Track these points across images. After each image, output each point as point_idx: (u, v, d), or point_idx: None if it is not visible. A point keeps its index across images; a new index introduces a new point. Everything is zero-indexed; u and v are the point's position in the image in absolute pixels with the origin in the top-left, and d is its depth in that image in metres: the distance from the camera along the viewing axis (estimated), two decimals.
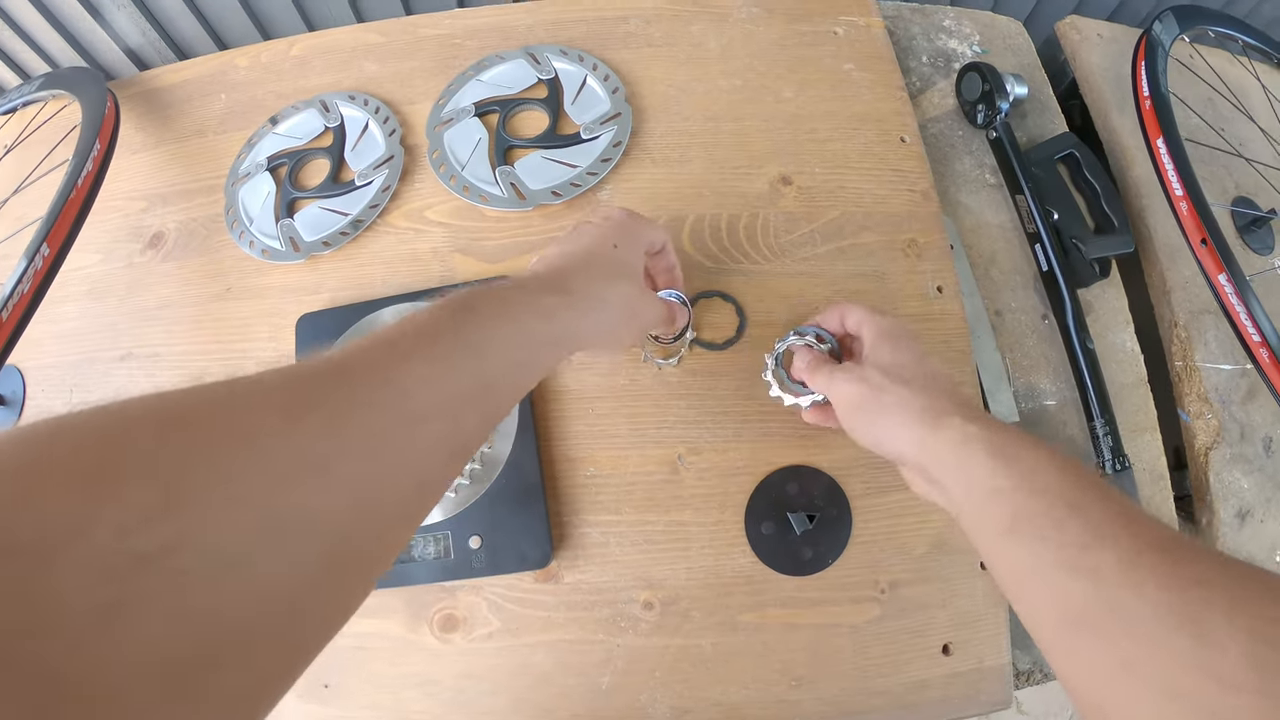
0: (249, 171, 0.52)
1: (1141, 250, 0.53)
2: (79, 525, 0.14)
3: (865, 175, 0.49)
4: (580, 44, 0.52)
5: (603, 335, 0.32)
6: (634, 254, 0.35)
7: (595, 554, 0.42)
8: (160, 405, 0.17)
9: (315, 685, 0.44)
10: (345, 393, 0.20)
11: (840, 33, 0.53)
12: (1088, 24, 0.58)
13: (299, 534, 0.18)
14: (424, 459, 0.23)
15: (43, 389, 0.54)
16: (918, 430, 0.31)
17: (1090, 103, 0.57)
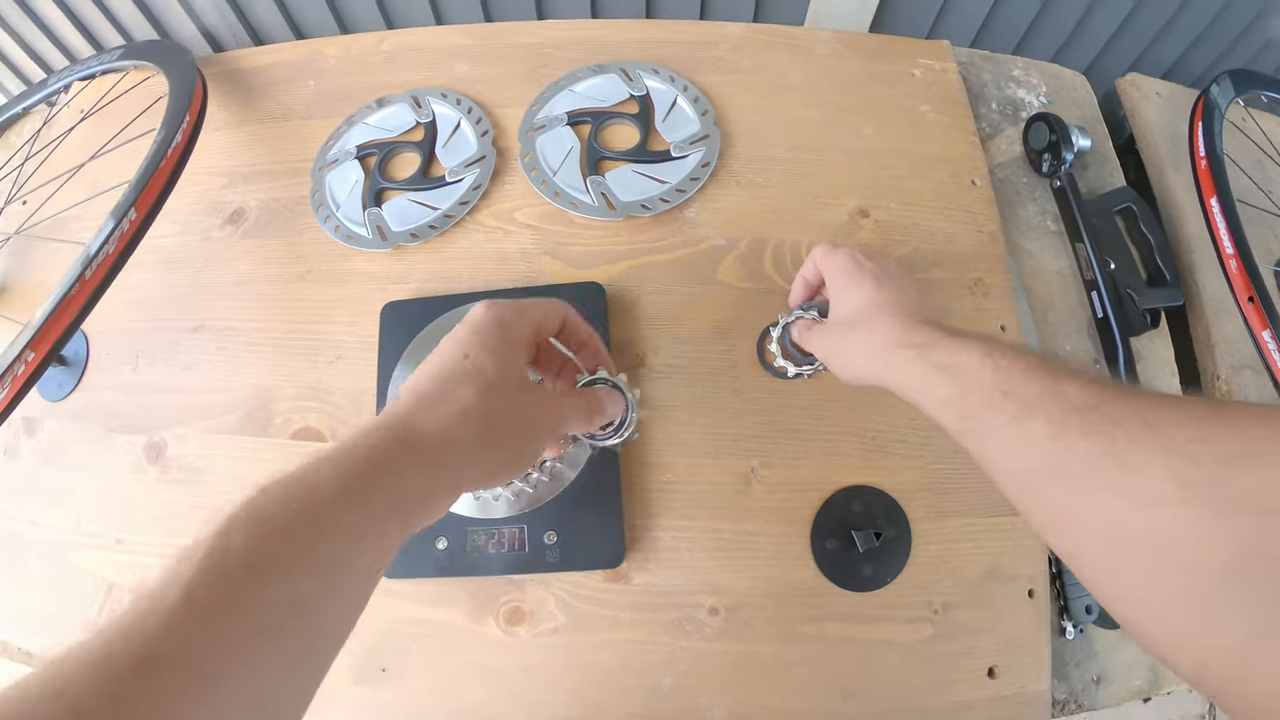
0: (337, 158, 0.55)
1: (1189, 304, 0.57)
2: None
3: (937, 214, 0.52)
4: (669, 65, 0.56)
5: (474, 476, 0.30)
6: (495, 352, 0.31)
7: (666, 558, 0.44)
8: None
9: (372, 669, 0.46)
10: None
11: (917, 75, 0.57)
12: (1147, 82, 0.62)
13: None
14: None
15: (106, 353, 0.56)
16: (873, 370, 0.35)
17: (1146, 158, 0.61)
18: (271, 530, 0.23)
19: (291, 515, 0.24)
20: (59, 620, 0.51)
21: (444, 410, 0.29)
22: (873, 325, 0.36)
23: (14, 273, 0.62)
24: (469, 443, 0.29)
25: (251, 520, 0.23)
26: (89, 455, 0.53)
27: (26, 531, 0.53)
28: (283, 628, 0.23)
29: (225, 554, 0.22)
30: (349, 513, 0.25)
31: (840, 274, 0.38)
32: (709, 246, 0.50)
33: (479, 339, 0.31)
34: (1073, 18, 0.65)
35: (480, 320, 0.32)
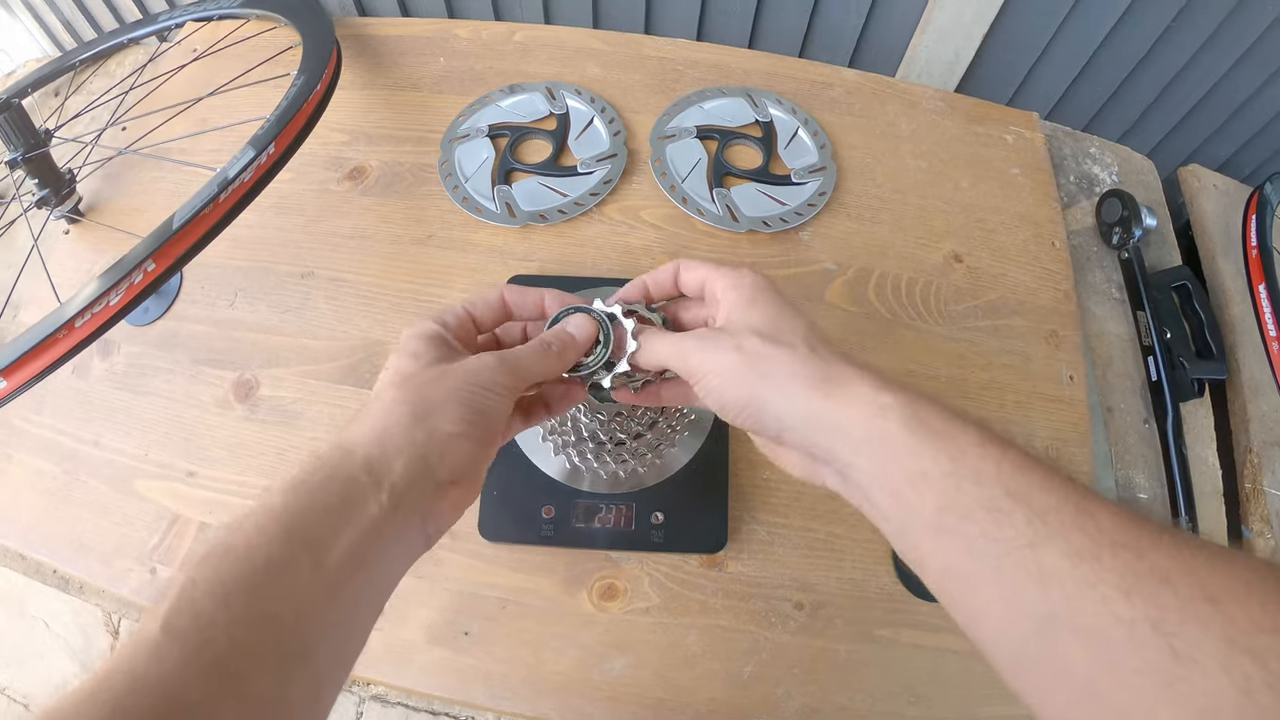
0: (469, 134, 0.61)
1: (1229, 381, 0.66)
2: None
3: (1022, 268, 0.61)
4: (791, 97, 0.64)
5: (416, 459, 0.29)
6: (415, 354, 0.31)
7: (759, 550, 0.50)
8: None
9: (454, 632, 0.50)
10: None
11: (1010, 140, 0.66)
12: (1207, 174, 0.73)
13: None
14: None
15: (201, 286, 0.60)
16: (812, 402, 0.28)
17: (1200, 243, 0.71)
18: (235, 553, 0.25)
19: (252, 534, 0.25)
20: (111, 546, 0.53)
21: (370, 413, 0.29)
22: (818, 352, 0.30)
23: (108, 193, 0.65)
24: (397, 431, 0.29)
25: (215, 551, 0.25)
26: (169, 384, 0.57)
27: (88, 452, 0.56)
28: (259, 641, 0.24)
29: (194, 583, 0.24)
30: (304, 520, 0.26)
31: (762, 290, 0.32)
32: (820, 269, 0.57)
33: (401, 352, 0.32)
34: (1142, 104, 0.76)
35: (406, 343, 0.32)
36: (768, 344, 0.30)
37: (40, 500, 0.55)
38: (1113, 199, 0.66)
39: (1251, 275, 0.65)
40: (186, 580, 0.24)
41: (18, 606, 1.14)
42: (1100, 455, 0.60)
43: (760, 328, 0.31)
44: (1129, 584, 0.20)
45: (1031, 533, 0.22)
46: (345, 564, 0.26)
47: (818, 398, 0.28)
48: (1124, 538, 0.21)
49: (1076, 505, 0.22)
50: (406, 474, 0.28)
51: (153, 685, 0.21)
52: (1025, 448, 0.25)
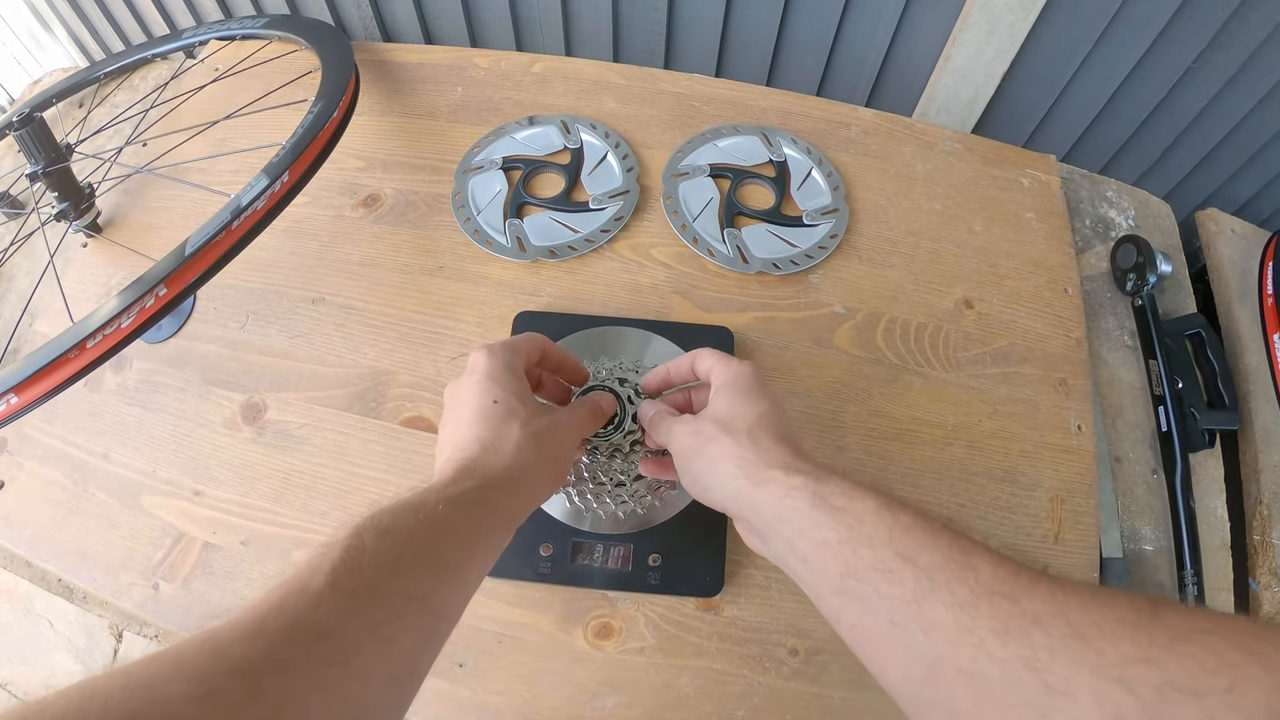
0: (482, 165, 0.62)
1: (1241, 430, 0.66)
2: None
3: (1033, 314, 0.61)
4: (806, 137, 0.64)
5: (539, 496, 0.38)
6: (515, 392, 0.38)
7: (756, 594, 0.51)
8: None
9: (449, 663, 0.51)
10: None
11: (1025, 183, 0.66)
12: (1225, 219, 0.73)
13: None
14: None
15: (215, 305, 0.61)
16: (738, 482, 0.33)
17: (1216, 289, 0.71)
18: (399, 536, 0.29)
19: (416, 526, 0.30)
20: (117, 559, 0.54)
21: (507, 451, 0.36)
22: (755, 439, 0.34)
23: (126, 208, 0.67)
24: (530, 470, 0.36)
25: (381, 528, 0.29)
26: (180, 402, 0.58)
27: (97, 465, 0.57)
28: (409, 612, 0.29)
29: (361, 552, 0.28)
30: (461, 528, 0.32)
31: (740, 382, 0.38)
32: (829, 312, 0.58)
33: (499, 385, 0.38)
34: (1161, 146, 0.76)
35: (488, 367, 0.39)
36: (718, 429, 0.35)
37: (49, 509, 0.56)
38: (1128, 245, 0.66)
39: (1267, 323, 0.64)
40: (353, 545, 0.28)
41: (24, 604, 1.17)
42: (1107, 506, 0.60)
43: (718, 414, 0.37)
44: (1003, 627, 0.22)
45: (918, 588, 0.25)
46: (476, 573, 0.34)
47: (742, 480, 0.33)
48: (1001, 587, 0.23)
49: (959, 561, 0.25)
50: (526, 510, 0.37)
51: (317, 630, 0.25)
52: (919, 511, 0.28)
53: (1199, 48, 0.66)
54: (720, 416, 0.36)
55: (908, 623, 0.25)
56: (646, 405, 0.44)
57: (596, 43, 0.73)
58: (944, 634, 0.23)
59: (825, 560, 0.28)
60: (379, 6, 0.75)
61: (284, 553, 0.53)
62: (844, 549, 0.27)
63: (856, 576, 0.27)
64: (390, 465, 0.54)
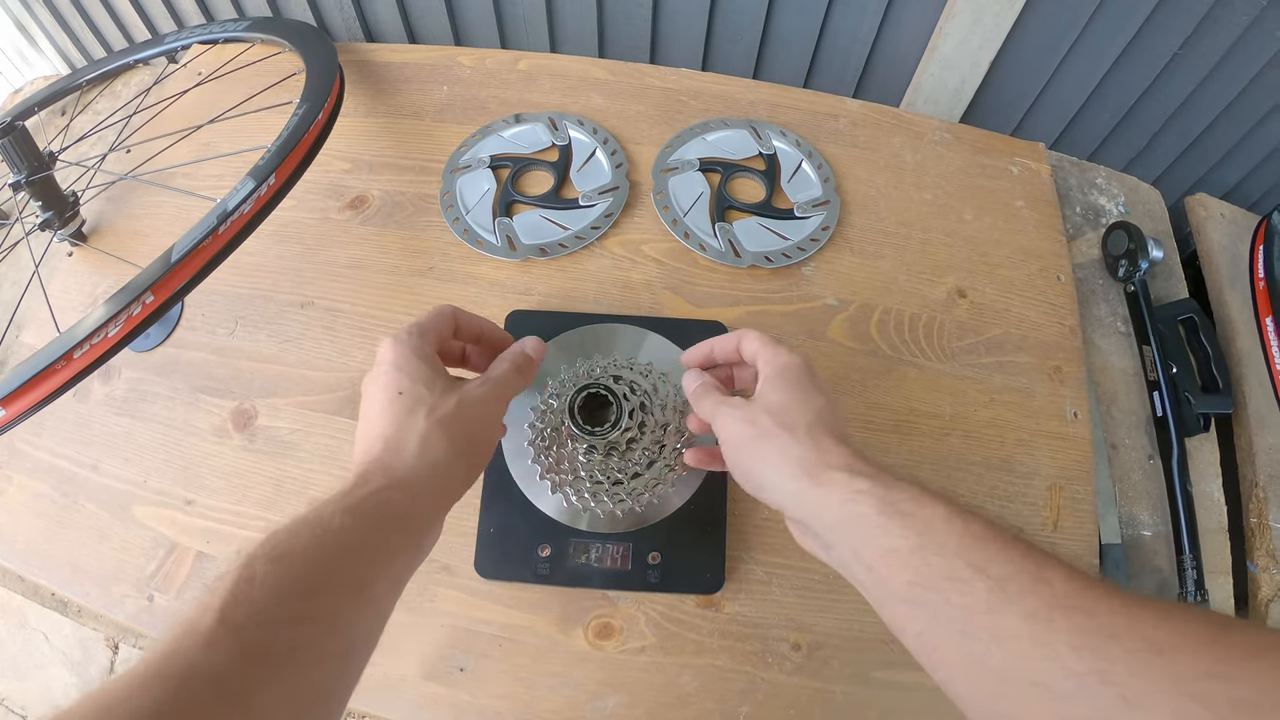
0: (470, 164, 0.61)
1: (1235, 414, 0.65)
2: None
3: (1026, 302, 0.60)
4: (795, 129, 0.63)
5: (453, 490, 0.35)
6: (422, 378, 0.35)
7: (757, 590, 0.50)
8: None
9: (449, 667, 0.50)
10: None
11: (1015, 171, 0.66)
12: (1214, 203, 0.72)
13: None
14: None
15: (203, 312, 0.60)
16: (798, 482, 0.31)
17: (1207, 274, 0.71)
18: (294, 559, 0.27)
19: (313, 544, 0.28)
20: (108, 570, 0.53)
21: (410, 447, 0.33)
22: (814, 437, 0.33)
23: (111, 216, 0.66)
24: (441, 465, 0.34)
25: (274, 553, 0.27)
26: (168, 411, 0.57)
27: (86, 477, 0.56)
28: (314, 639, 0.27)
29: (251, 582, 0.26)
30: (363, 540, 0.30)
31: (792, 372, 0.36)
32: (822, 305, 0.57)
33: (403, 374, 0.36)
34: (1148, 132, 0.76)
35: (394, 356, 0.36)
36: (775, 423, 0.33)
37: (39, 523, 0.55)
38: (1119, 231, 0.66)
39: (1259, 307, 0.64)
40: (243, 576, 0.26)
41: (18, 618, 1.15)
42: (1104, 492, 0.59)
43: (773, 407, 0.34)
44: (1079, 641, 0.22)
45: (990, 599, 0.24)
46: (387, 589, 0.31)
47: (804, 481, 0.31)
48: (1076, 600, 0.23)
49: (1032, 573, 0.24)
50: (442, 509, 0.35)
51: (209, 674, 0.23)
52: (988, 519, 0.27)
53: (1184, 34, 0.65)
54: (775, 409, 0.34)
55: (979, 633, 0.24)
56: (692, 376, 0.41)
57: (581, 38, 0.72)
58: (1017, 646, 0.23)
59: (892, 568, 0.27)
60: (361, 7, 0.74)
61: None
62: (913, 556, 0.27)
63: (925, 585, 0.26)
64: None
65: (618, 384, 0.46)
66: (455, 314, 0.41)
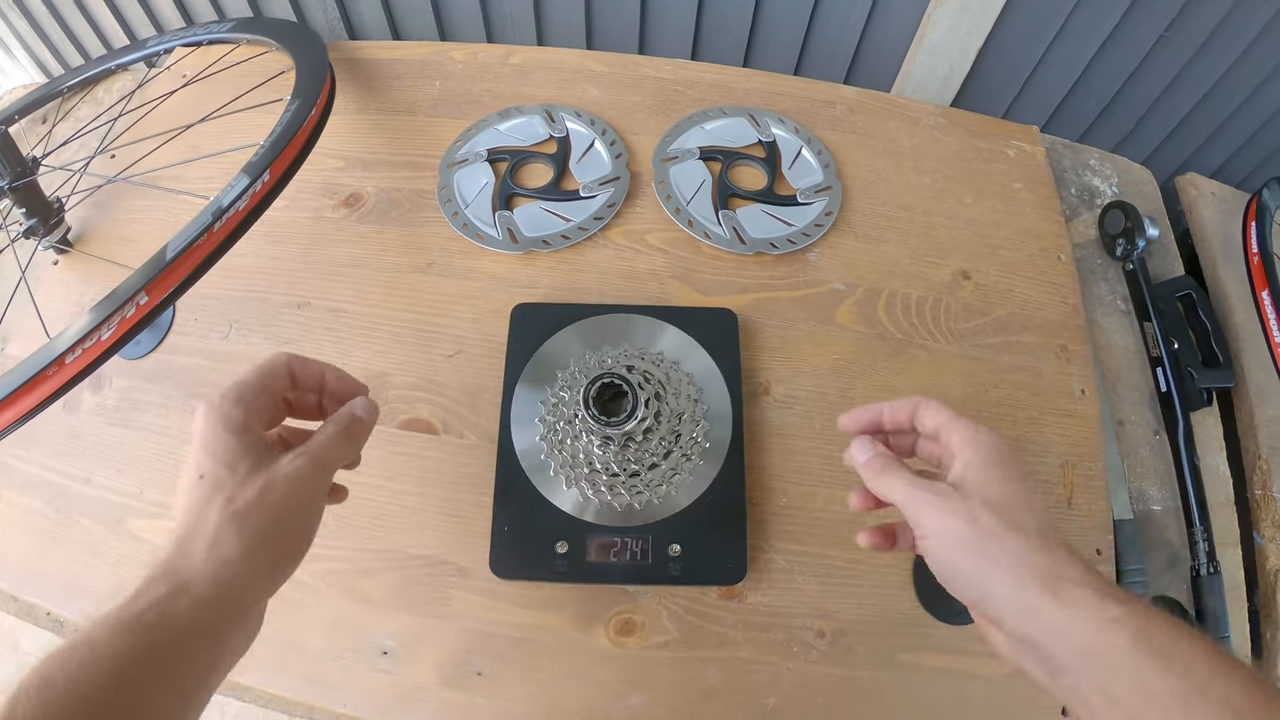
0: (466, 158, 0.59)
1: (1235, 388, 0.66)
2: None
3: (1029, 282, 0.60)
4: (792, 116, 0.63)
5: (253, 596, 0.31)
6: (225, 459, 0.31)
7: (779, 579, 0.49)
8: None
9: (467, 672, 0.48)
10: None
11: (1011, 154, 0.66)
12: (1204, 182, 0.73)
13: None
14: None
15: (195, 317, 0.58)
16: (1036, 598, 0.28)
17: (1201, 251, 0.71)
18: (57, 689, 0.25)
19: (78, 673, 0.25)
20: (105, 587, 0.51)
21: (200, 548, 0.29)
22: (1048, 542, 0.29)
23: (97, 221, 0.64)
24: (235, 565, 0.30)
25: (40, 683, 0.25)
26: (163, 419, 0.55)
27: (80, 490, 0.54)
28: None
29: (13, 718, 0.24)
30: (135, 668, 0.26)
31: (1000, 455, 0.32)
32: (829, 290, 0.56)
33: (207, 452, 0.32)
34: (1136, 114, 0.76)
35: (202, 430, 0.32)
36: (1001, 523, 0.30)
37: (31, 540, 0.53)
38: (1115, 210, 0.66)
39: (1254, 282, 0.64)
40: (5, 710, 0.23)
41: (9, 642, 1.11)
42: (1113, 469, 0.59)
43: (995, 500, 0.31)
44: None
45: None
46: (171, 708, 0.28)
47: (1046, 597, 0.28)
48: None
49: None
50: (241, 607, 0.30)
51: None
52: (1247, 664, 0.26)
53: (1170, 15, 0.66)
54: (997, 504, 0.30)
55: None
56: (862, 445, 0.36)
57: (569, 32, 0.71)
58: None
59: (1145, 709, 0.25)
60: (344, 6, 0.73)
61: None
62: (1172, 700, 0.25)
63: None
64: (390, 471, 0.51)
65: (631, 373, 0.45)
66: (290, 364, 0.37)
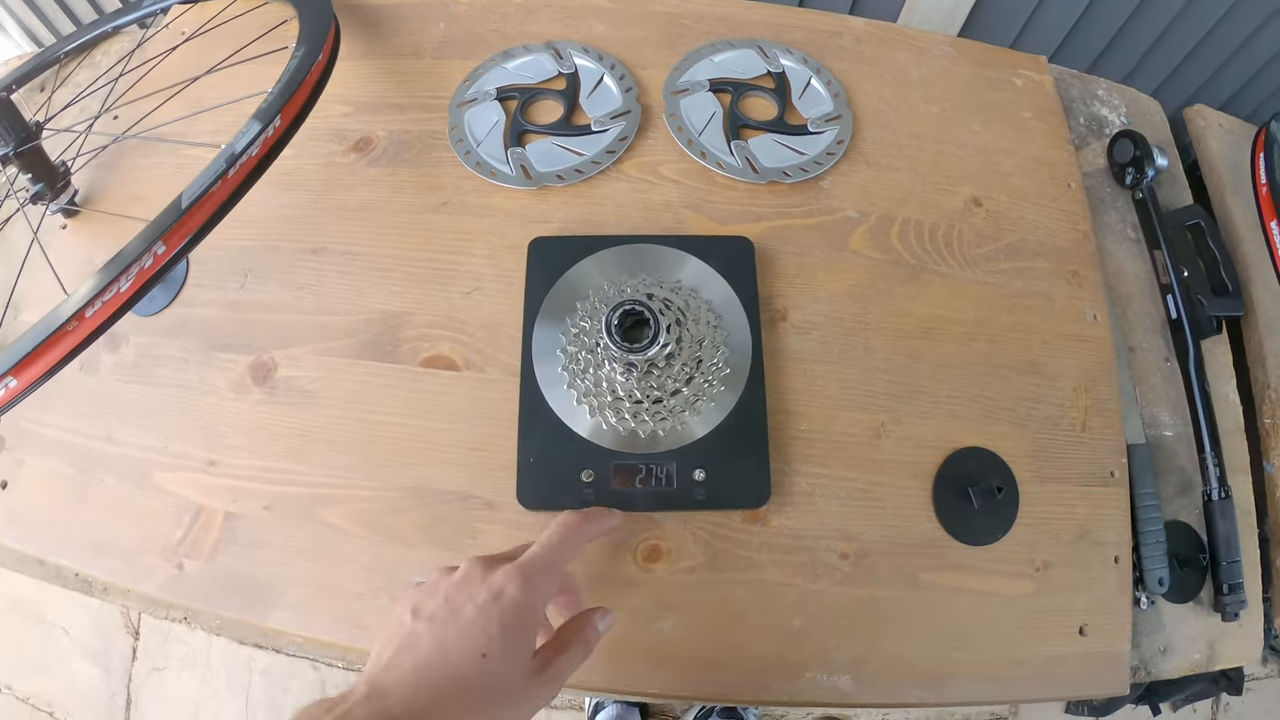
0: (475, 98, 0.58)
1: (1244, 318, 0.65)
2: None
3: (1040, 209, 0.59)
4: (800, 48, 0.61)
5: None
6: (516, 654, 0.30)
7: (801, 502, 0.48)
8: None
9: None
10: None
11: (1019, 83, 0.64)
12: (1212, 114, 0.72)
13: None
14: None
15: (209, 268, 0.57)
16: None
17: (1209, 182, 0.70)
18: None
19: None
20: (133, 542, 0.51)
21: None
22: None
23: (104, 182, 0.62)
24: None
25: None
26: (182, 372, 0.54)
27: (102, 449, 0.53)
28: None
29: None
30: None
31: None
32: (842, 217, 0.55)
33: (503, 631, 0.30)
34: (1143, 46, 0.75)
35: (511, 602, 0.30)
36: None
37: (56, 502, 0.52)
38: (1124, 140, 0.64)
39: (1263, 212, 0.63)
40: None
41: (36, 615, 1.11)
42: (1126, 394, 0.58)
43: None
44: None
45: None
46: None
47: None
48: None
49: None
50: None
51: None
52: None
53: None
54: None
55: None
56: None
57: None
58: None
59: None
60: None
61: (309, 511, 0.50)
62: None
63: None
64: (412, 408, 0.51)
65: (652, 300, 0.44)
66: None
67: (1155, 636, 0.54)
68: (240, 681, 0.98)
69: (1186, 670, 0.56)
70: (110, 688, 1.03)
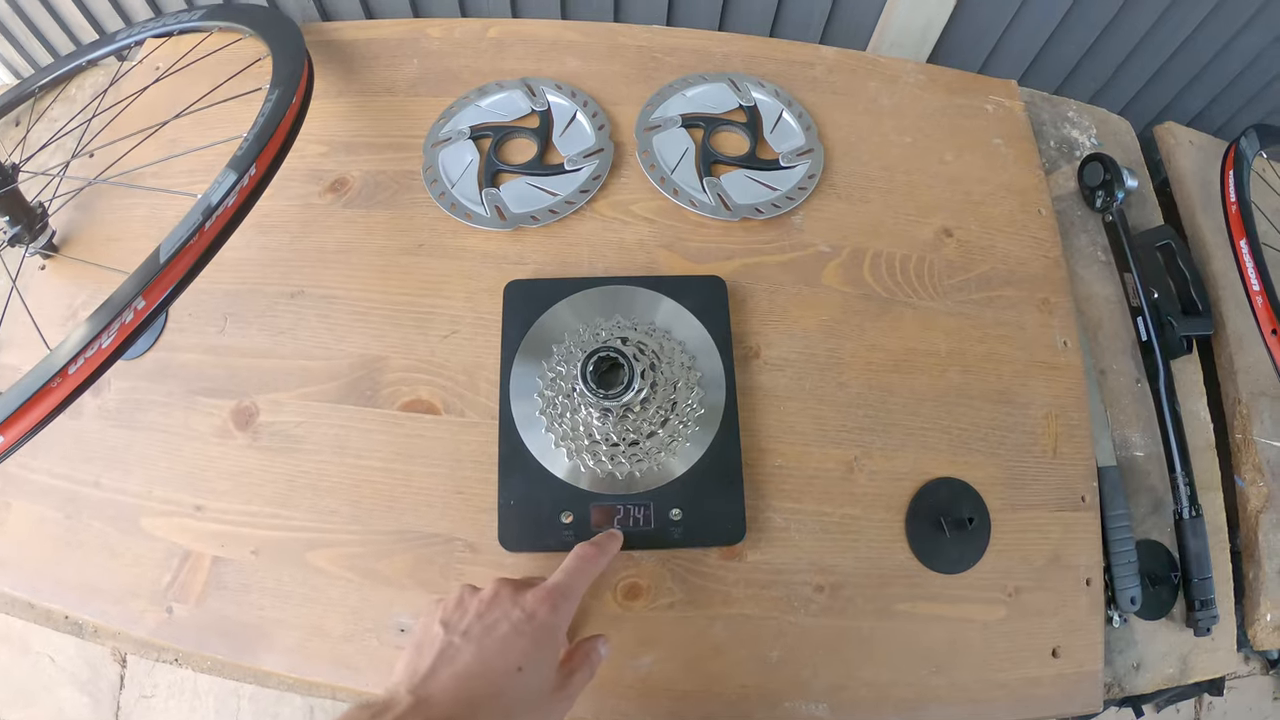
0: (449, 137, 0.58)
1: (1215, 334, 0.66)
2: None
3: (1011, 238, 0.60)
4: (772, 79, 0.62)
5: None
6: (546, 667, 0.34)
7: (777, 537, 0.49)
8: None
9: None
10: None
11: (990, 110, 0.65)
12: (1182, 131, 0.73)
13: None
14: None
15: (189, 313, 0.57)
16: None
17: (1179, 200, 0.71)
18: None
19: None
20: (122, 586, 0.51)
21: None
22: None
23: (81, 224, 0.62)
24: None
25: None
26: (166, 416, 0.54)
27: (89, 494, 0.54)
28: None
29: None
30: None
31: None
32: (815, 252, 0.56)
33: (536, 648, 0.33)
34: (1113, 64, 0.75)
35: (543, 622, 0.34)
36: None
37: (45, 547, 0.53)
38: (1094, 163, 0.66)
39: (1232, 230, 0.64)
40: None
41: (20, 644, 1.11)
42: (1097, 416, 0.59)
43: None
44: None
45: None
46: None
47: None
48: None
49: None
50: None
51: None
52: None
53: None
54: None
55: None
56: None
57: (544, 2, 0.69)
58: None
59: None
60: None
61: (297, 556, 0.50)
62: None
63: None
64: (394, 452, 0.51)
65: (626, 345, 0.45)
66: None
67: (1128, 653, 0.56)
68: (229, 708, 0.99)
69: (1160, 685, 0.57)
70: (98, 716, 1.04)
